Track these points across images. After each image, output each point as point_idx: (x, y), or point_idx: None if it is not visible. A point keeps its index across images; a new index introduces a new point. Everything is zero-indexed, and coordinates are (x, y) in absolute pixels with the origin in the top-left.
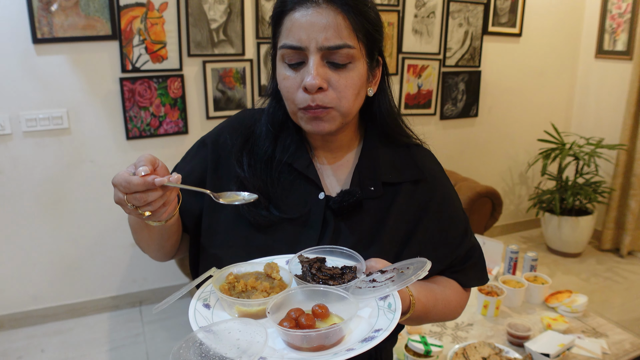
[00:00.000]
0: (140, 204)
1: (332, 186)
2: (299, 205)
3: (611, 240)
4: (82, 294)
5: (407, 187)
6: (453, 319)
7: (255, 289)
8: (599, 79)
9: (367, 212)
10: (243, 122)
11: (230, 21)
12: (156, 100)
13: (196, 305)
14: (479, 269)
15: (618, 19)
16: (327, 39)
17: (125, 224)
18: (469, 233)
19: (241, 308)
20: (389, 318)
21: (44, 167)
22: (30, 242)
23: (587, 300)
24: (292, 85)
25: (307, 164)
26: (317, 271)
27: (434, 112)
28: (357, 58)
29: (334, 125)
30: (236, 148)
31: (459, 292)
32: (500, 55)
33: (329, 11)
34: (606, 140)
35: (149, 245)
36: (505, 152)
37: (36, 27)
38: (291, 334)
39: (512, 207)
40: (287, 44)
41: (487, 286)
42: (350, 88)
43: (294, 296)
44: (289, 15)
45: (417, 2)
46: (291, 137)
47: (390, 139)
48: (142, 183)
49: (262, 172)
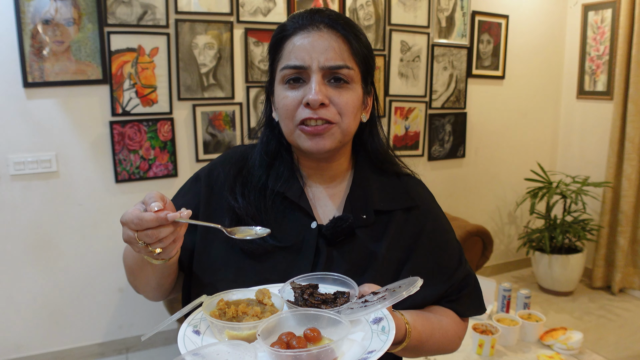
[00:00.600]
0: (151, 240)
1: (324, 215)
2: (291, 234)
3: (602, 278)
4: (67, 341)
5: (399, 215)
6: (452, 350)
7: (246, 314)
8: (582, 118)
9: (360, 240)
10: (236, 154)
11: (220, 66)
12: (146, 143)
13: (186, 331)
14: (475, 297)
15: (597, 60)
16: (328, 59)
17: (111, 268)
18: (463, 261)
19: (231, 332)
20: (383, 340)
21: (31, 211)
22: (14, 287)
23: (582, 337)
24: (292, 102)
25: (300, 193)
26: (309, 296)
27: (422, 153)
28: (355, 80)
29: (334, 143)
30: (230, 178)
31: (456, 321)
32: (485, 97)
33: (330, 35)
34: (592, 178)
35: (148, 284)
36: (493, 191)
37: (27, 72)
38: (282, 354)
39: (502, 246)
40: (289, 64)
41: (482, 325)
42: (350, 105)
43: (285, 321)
44: (289, 40)
45: (403, 46)
46: (284, 166)
47: (381, 168)
48: (155, 219)
49: (255, 200)
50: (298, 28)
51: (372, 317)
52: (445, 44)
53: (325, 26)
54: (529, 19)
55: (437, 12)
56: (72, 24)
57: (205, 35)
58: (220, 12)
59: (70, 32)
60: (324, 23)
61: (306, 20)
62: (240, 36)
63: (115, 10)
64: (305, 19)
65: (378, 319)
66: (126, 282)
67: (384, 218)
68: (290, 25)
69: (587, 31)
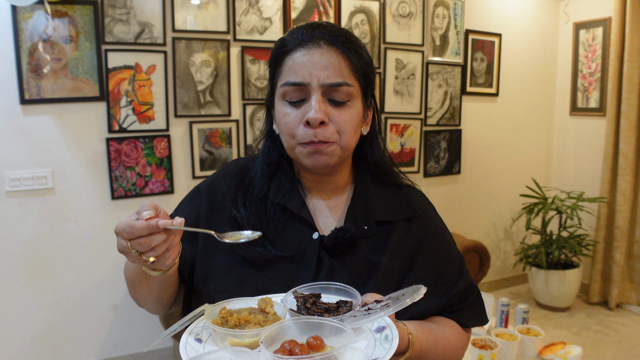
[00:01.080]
0: (144, 249)
1: (325, 227)
2: (293, 244)
3: (599, 293)
4: (61, 358)
5: (400, 226)
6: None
7: (249, 322)
8: (575, 134)
9: (361, 251)
10: (237, 166)
11: (216, 83)
12: (142, 160)
13: (187, 339)
14: (477, 308)
15: (589, 77)
16: (328, 77)
17: (107, 286)
18: (464, 271)
19: (234, 340)
20: (386, 348)
21: (26, 228)
22: (8, 304)
23: (581, 351)
24: (292, 121)
25: (301, 205)
26: (312, 305)
27: (418, 169)
28: (355, 96)
29: (333, 160)
30: (231, 189)
31: (459, 332)
32: (479, 114)
33: (330, 52)
34: (586, 193)
35: (148, 296)
36: (489, 208)
37: (24, 89)
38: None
39: (499, 262)
40: (289, 81)
41: (481, 340)
42: (350, 124)
43: (288, 329)
44: (289, 56)
45: (397, 64)
46: (285, 177)
47: (381, 179)
48: (146, 227)
49: (256, 210)
50: (298, 44)
51: (375, 325)
52: (440, 62)
53: (325, 42)
54: (522, 37)
55: (432, 30)
56: (70, 42)
57: (202, 53)
58: (217, 31)
59: (68, 49)
60: (324, 39)
61: (306, 36)
62: (237, 54)
63: (113, 29)
64: (305, 34)
65: (381, 327)
66: (121, 300)
67: (386, 229)
68: (289, 41)
69: (579, 49)
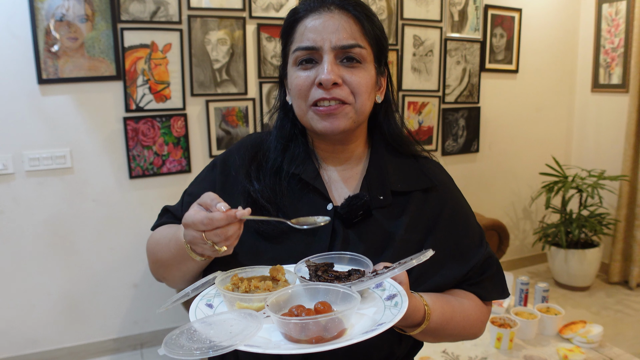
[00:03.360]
0: (220, 239)
1: (339, 198)
2: (307, 216)
3: (619, 273)
4: (82, 336)
5: (417, 196)
6: (474, 335)
7: (259, 288)
8: (597, 112)
9: (377, 221)
10: (251, 140)
11: (232, 61)
12: (159, 139)
13: (198, 303)
14: (498, 281)
15: (612, 53)
16: (340, 39)
17: (126, 264)
18: (484, 244)
19: (242, 304)
20: (394, 313)
21: (46, 207)
22: (30, 282)
23: (602, 330)
24: (304, 82)
25: (315, 175)
26: (323, 273)
27: (436, 148)
28: (367, 60)
29: (348, 123)
30: (246, 161)
31: (478, 305)
32: (499, 91)
33: (341, 15)
34: (607, 171)
35: (183, 277)
36: (508, 186)
37: (41, 68)
38: (289, 322)
39: (517, 242)
40: (301, 46)
41: (500, 318)
42: (363, 85)
43: (297, 295)
44: (301, 23)
45: (415, 41)
46: (299, 148)
47: (397, 150)
48: (225, 218)
49: (271, 182)
50: (309, 10)
51: (386, 294)
52: (458, 38)
53: (336, 7)
54: (542, 12)
55: (450, 6)
56: (86, 21)
57: (217, 31)
58: (233, 8)
59: (84, 29)
60: (335, 4)
61: (317, 3)
62: (253, 32)
63: (128, 7)
64: (316, 1)
65: (392, 295)
66: (140, 278)
67: (402, 199)
68: (301, 8)
69: (602, 24)
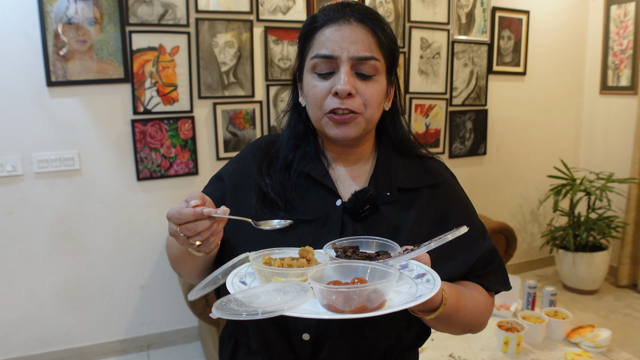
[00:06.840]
0: (190, 233)
1: (348, 195)
2: (316, 210)
3: (628, 276)
4: (89, 337)
5: (424, 193)
6: (481, 325)
7: (292, 266)
8: (605, 114)
9: (384, 215)
10: (264, 139)
11: (240, 64)
12: (167, 141)
13: (233, 280)
14: (500, 274)
15: (620, 55)
16: (357, 51)
17: (133, 265)
18: (487, 237)
19: (279, 279)
20: (429, 288)
21: (54, 208)
22: (37, 283)
23: (610, 334)
24: (321, 92)
25: (324, 173)
26: (352, 253)
27: (443, 150)
28: (380, 72)
29: (358, 131)
30: (258, 158)
31: (485, 295)
32: (506, 93)
33: (360, 28)
34: (616, 174)
35: (191, 272)
36: (516, 189)
37: (50, 71)
38: (334, 292)
39: (525, 245)
40: (320, 54)
41: (507, 322)
42: (375, 97)
43: (331, 272)
44: (320, 31)
45: (423, 43)
46: (310, 147)
47: (403, 151)
48: (192, 213)
49: (280, 177)
50: (329, 20)
51: (414, 273)
52: (466, 41)
53: (355, 20)
54: (550, 14)
55: (457, 8)
56: (94, 24)
57: (225, 34)
58: (240, 11)
59: (92, 32)
60: (354, 17)
61: (337, 13)
62: (260, 35)
63: (137, 10)
64: (336, 12)
65: (421, 274)
66: (147, 280)
67: (409, 196)
68: (321, 17)
69: (610, 25)
